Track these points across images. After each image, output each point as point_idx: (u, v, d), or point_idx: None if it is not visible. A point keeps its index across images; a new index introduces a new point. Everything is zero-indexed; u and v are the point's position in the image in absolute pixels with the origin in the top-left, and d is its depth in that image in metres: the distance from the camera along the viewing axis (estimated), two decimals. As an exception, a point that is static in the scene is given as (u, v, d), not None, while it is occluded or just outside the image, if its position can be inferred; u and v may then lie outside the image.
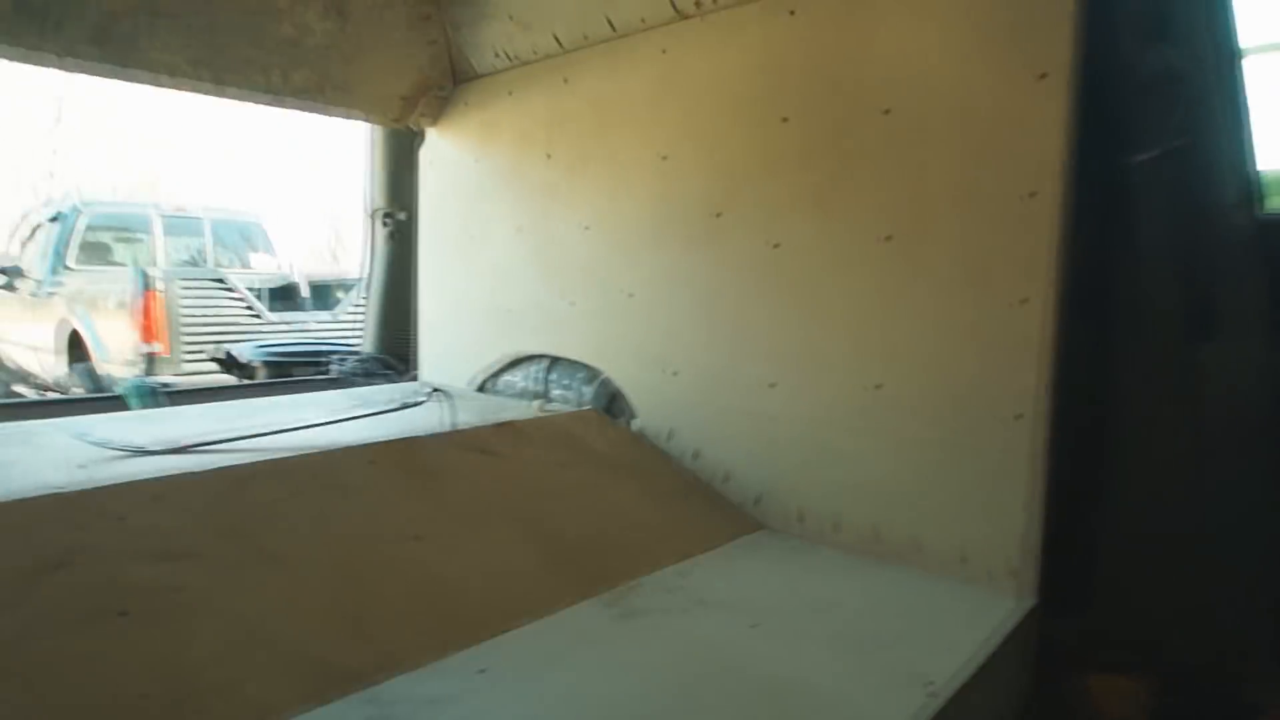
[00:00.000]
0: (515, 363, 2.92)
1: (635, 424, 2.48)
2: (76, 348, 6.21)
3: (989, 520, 1.80)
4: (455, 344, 3.17)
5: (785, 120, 2.15)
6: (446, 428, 2.13)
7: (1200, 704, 1.73)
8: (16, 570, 1.32)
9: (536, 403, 2.66)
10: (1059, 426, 1.74)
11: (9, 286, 7.54)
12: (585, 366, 2.66)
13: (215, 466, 1.73)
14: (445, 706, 1.23)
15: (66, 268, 6.77)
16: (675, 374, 2.39)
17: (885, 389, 1.96)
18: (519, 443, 2.19)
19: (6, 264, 7.66)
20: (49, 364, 6.73)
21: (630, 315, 2.50)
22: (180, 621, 1.32)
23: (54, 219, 7.16)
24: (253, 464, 1.76)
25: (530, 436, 2.24)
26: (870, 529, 1.98)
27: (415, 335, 3.39)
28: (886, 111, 1.95)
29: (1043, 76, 1.70)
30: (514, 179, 2.92)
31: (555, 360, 2.77)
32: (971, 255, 1.82)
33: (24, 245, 7.75)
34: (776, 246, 2.16)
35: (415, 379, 3.40)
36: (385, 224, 3.75)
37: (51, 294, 6.65)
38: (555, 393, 2.75)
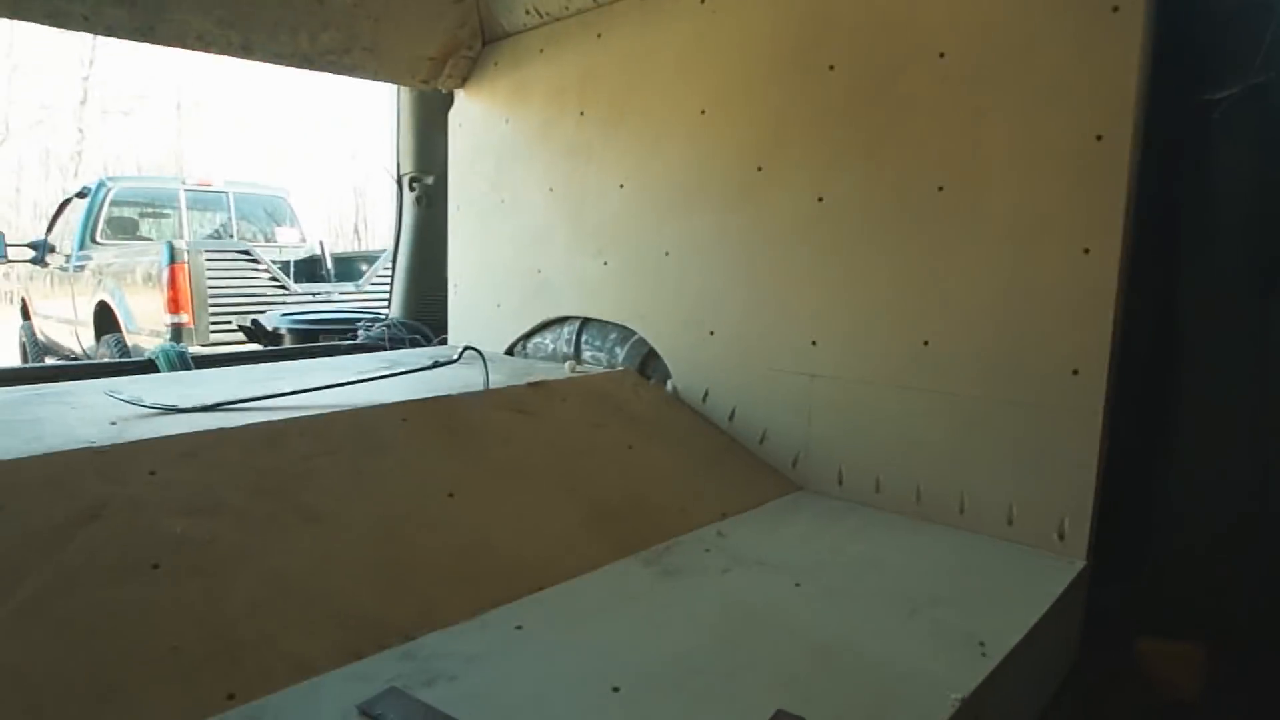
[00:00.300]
0: (545, 325, 2.87)
1: (670, 384, 2.42)
2: (106, 320, 6.26)
3: (1039, 481, 1.73)
4: (485, 307, 3.12)
5: (831, 68, 2.06)
6: (480, 387, 2.09)
7: (1257, 672, 1.65)
8: (51, 522, 1.30)
9: (569, 364, 2.61)
10: (1118, 383, 1.67)
11: (39, 261, 7.63)
12: (618, 327, 2.60)
13: (247, 423, 1.69)
14: (483, 663, 1.19)
15: (95, 242, 6.83)
16: (712, 333, 2.32)
17: (933, 345, 1.89)
18: (553, 402, 2.15)
19: (37, 240, 7.74)
20: (79, 336, 6.80)
21: (666, 274, 2.44)
22: (213, 575, 1.29)
23: (81, 195, 7.21)
24: (285, 421, 1.73)
25: (565, 396, 2.19)
26: (912, 489, 1.92)
27: (444, 300, 3.34)
28: (941, 55, 1.86)
29: (1115, 9, 1.60)
30: (545, 139, 2.85)
31: (587, 321, 2.72)
32: (1031, 204, 1.74)
33: (53, 222, 7.82)
34: (820, 200, 2.08)
35: (444, 344, 3.37)
36: (413, 189, 3.70)
37: (80, 268, 6.71)
38: (587, 354, 2.70)
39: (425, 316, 3.77)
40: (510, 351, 2.99)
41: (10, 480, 1.36)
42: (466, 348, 2.14)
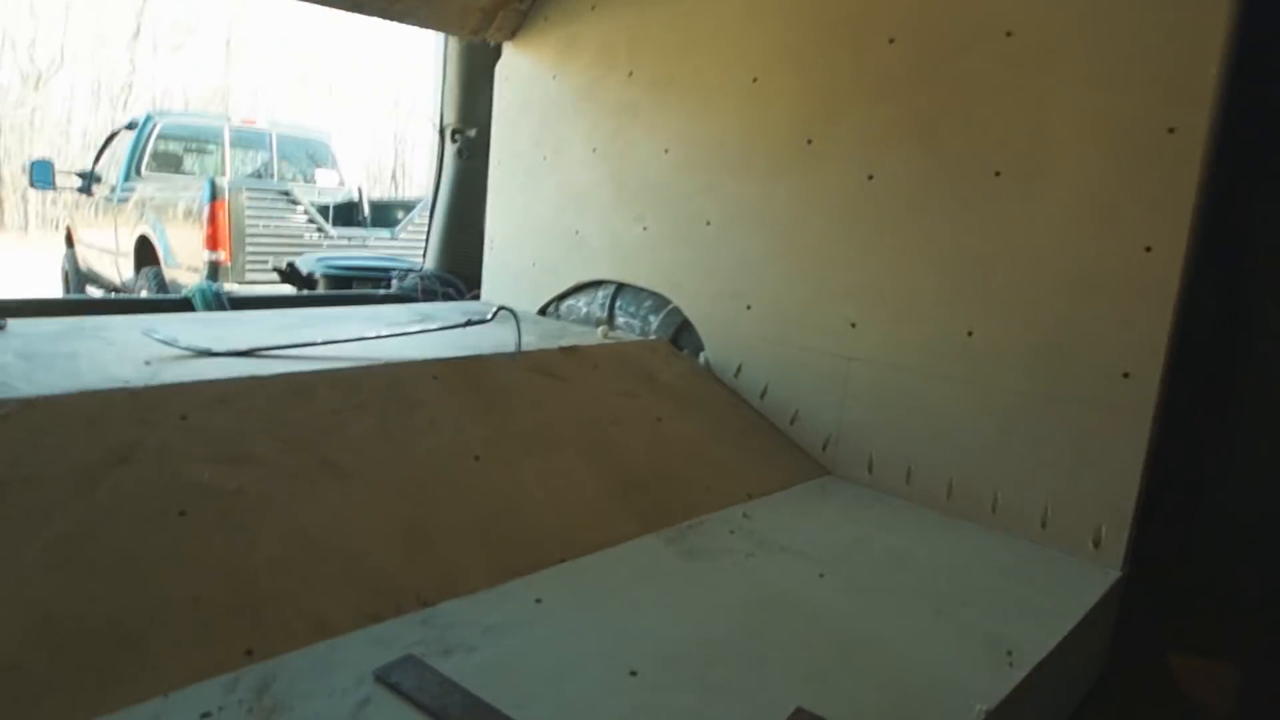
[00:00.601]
0: (580, 287, 2.83)
1: (702, 356, 2.39)
2: (145, 253, 6.34)
3: (1078, 484, 1.68)
4: (520, 265, 3.09)
5: (891, 41, 1.97)
6: (512, 347, 2.06)
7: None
8: (84, 462, 1.31)
9: (601, 329, 2.58)
10: (1171, 386, 1.60)
11: (85, 191, 7.72)
12: (654, 294, 2.56)
13: (279, 373, 1.69)
14: (501, 635, 1.18)
15: (139, 175, 6.88)
16: (749, 307, 2.28)
17: (977, 336, 1.83)
18: (585, 368, 2.12)
19: (84, 170, 7.83)
20: (119, 266, 6.90)
21: (706, 244, 2.38)
22: (239, 526, 1.29)
23: (130, 127, 7.26)
24: (316, 372, 1.73)
25: (596, 363, 2.17)
26: (944, 483, 1.88)
27: (479, 254, 3.32)
28: (1009, 34, 1.77)
29: (1198, -7, 1.50)
30: (592, 98, 2.78)
31: (622, 286, 2.68)
32: (1093, 195, 1.66)
33: (101, 152, 7.90)
34: (870, 178, 2.01)
35: (477, 299, 3.35)
36: (454, 140, 3.66)
37: (124, 200, 6.77)
38: (620, 320, 2.67)
39: (459, 270, 3.75)
40: (543, 311, 2.97)
41: (48, 417, 1.37)
42: (500, 308, 2.11)
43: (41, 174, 7.25)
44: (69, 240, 8.65)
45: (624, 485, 1.74)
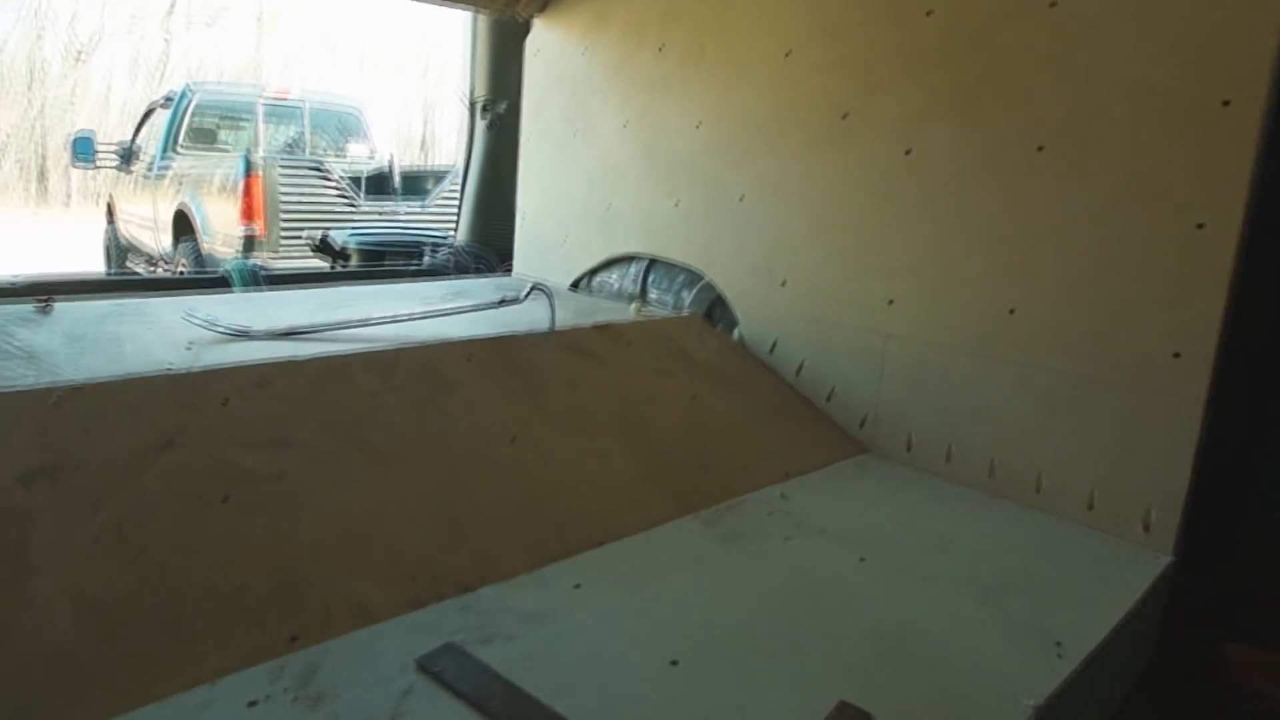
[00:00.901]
0: (612, 262, 2.81)
1: (736, 332, 2.36)
2: (183, 226, 6.42)
3: (1126, 466, 1.63)
4: (552, 239, 3.08)
5: (929, 13, 1.89)
6: (545, 325, 2.06)
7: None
8: (131, 448, 1.33)
9: (634, 305, 2.56)
10: (1223, 369, 1.54)
11: (124, 168, 7.81)
12: (687, 270, 2.53)
13: (316, 355, 1.70)
14: (542, 622, 1.19)
15: (176, 150, 6.94)
16: (783, 283, 2.24)
17: (1019, 314, 1.78)
18: (618, 346, 2.11)
19: (123, 145, 7.92)
20: (158, 241, 7.00)
21: (740, 219, 2.34)
22: (280, 512, 1.30)
23: (167, 102, 7.31)
24: (352, 354, 1.73)
25: (630, 340, 2.15)
26: (986, 462, 1.84)
27: (511, 229, 3.30)
28: (1053, 4, 1.69)
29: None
30: (622, 72, 2.73)
31: (654, 261, 2.65)
32: (1141, 172, 1.59)
33: (139, 127, 7.97)
34: (909, 153, 1.95)
35: (509, 272, 3.35)
36: (485, 114, 3.62)
37: (162, 174, 6.85)
38: (653, 295, 2.65)
39: (491, 243, 3.74)
40: (575, 286, 2.95)
41: (95, 403, 1.39)
42: (535, 286, 2.10)
43: (84, 149, 7.35)
44: (110, 214, 8.79)
45: (660, 466, 1.73)
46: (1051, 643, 1.22)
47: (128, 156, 7.81)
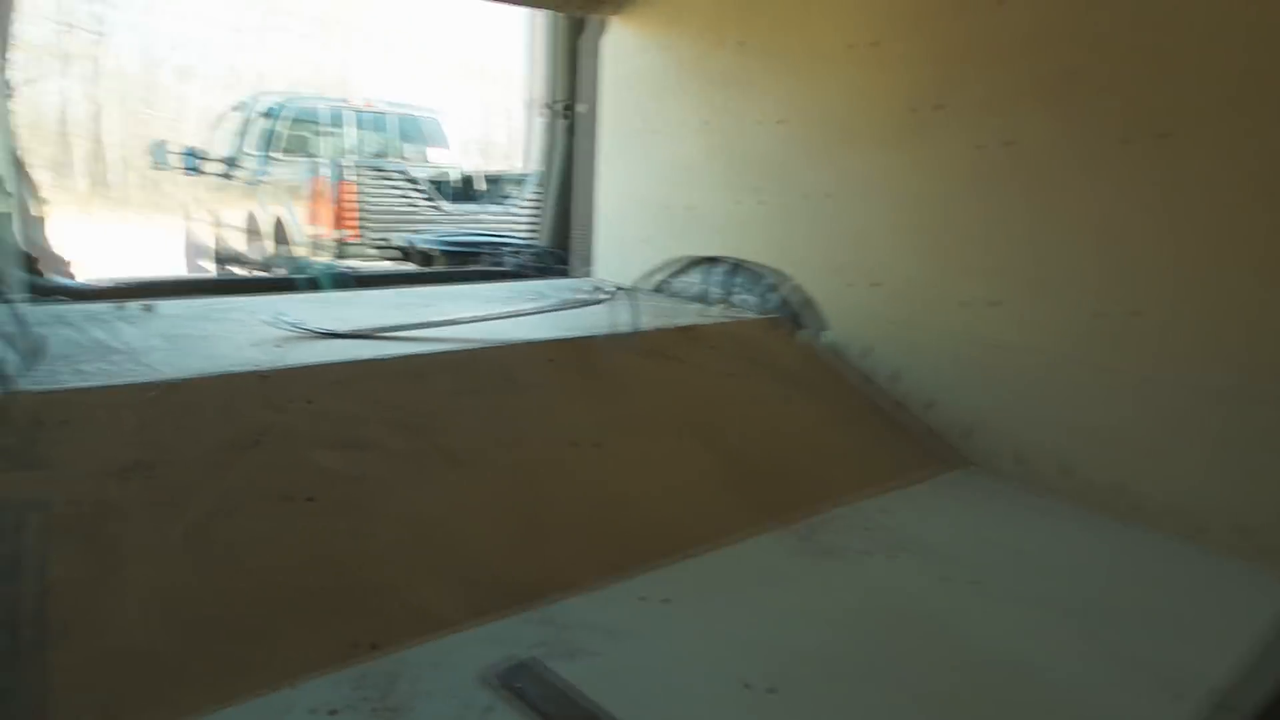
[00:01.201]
0: (694, 264, 2.74)
1: (826, 337, 2.26)
2: (279, 232, 6.67)
3: (1259, 487, 1.47)
4: (632, 241, 3.03)
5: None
6: (627, 329, 2.00)
7: None
8: (218, 445, 1.33)
9: (717, 308, 2.49)
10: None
11: (228, 175, 8.19)
12: (772, 271, 2.44)
13: (396, 355, 1.69)
14: (623, 639, 1.12)
15: (272, 158, 7.24)
16: (876, 285, 2.13)
17: (1145, 317, 1.63)
18: (701, 349, 2.04)
19: (225, 155, 8.30)
20: (255, 246, 7.30)
21: (826, 218, 2.24)
22: (361, 513, 1.28)
23: (264, 114, 7.64)
24: (431, 354, 1.72)
25: (714, 343, 2.08)
26: (1108, 481, 1.69)
27: (590, 231, 3.27)
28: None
29: None
30: (701, 69, 2.66)
31: (739, 264, 2.57)
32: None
33: (238, 138, 8.35)
34: (1008, 144, 1.82)
35: (589, 274, 3.31)
36: (565, 117, 3.61)
37: (260, 182, 7.14)
38: (736, 298, 2.56)
39: (571, 245, 3.72)
40: (658, 288, 2.89)
41: (189, 399, 1.40)
42: (617, 288, 2.06)
43: (158, 155, 7.75)
44: (206, 221, 9.21)
45: (745, 475, 1.65)
46: (1171, 681, 1.09)
47: (229, 165, 8.18)
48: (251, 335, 1.85)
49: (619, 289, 2.06)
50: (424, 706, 0.96)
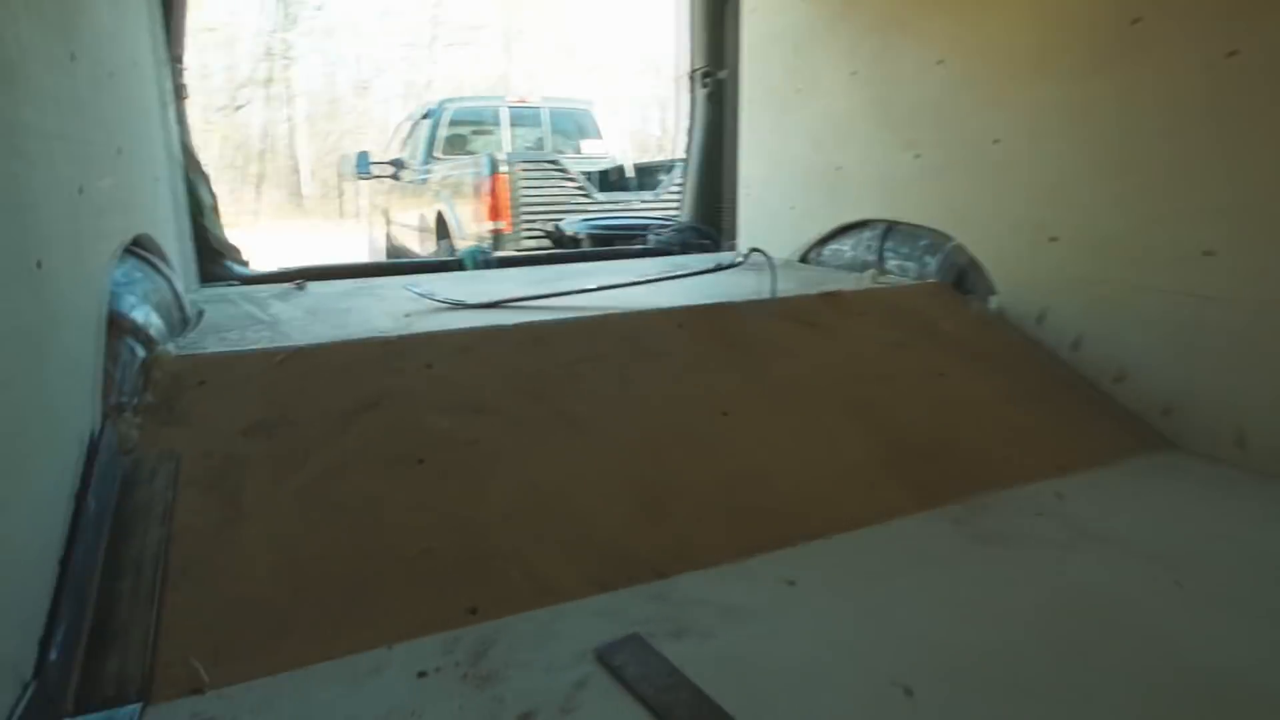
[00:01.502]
0: (844, 229, 2.53)
1: (994, 302, 2.00)
2: (442, 227, 7.00)
3: None
4: (777, 208, 2.86)
5: None
6: (765, 294, 1.86)
7: None
8: (339, 407, 1.34)
9: (869, 273, 2.28)
10: None
11: (395, 177, 8.74)
12: (930, 232, 2.20)
13: (519, 322, 1.64)
14: (742, 621, 0.99)
15: (434, 158, 7.62)
16: (1053, 240, 1.85)
17: None
18: (848, 316, 1.86)
19: (395, 158, 8.86)
20: (422, 243, 7.71)
21: (994, 167, 1.98)
22: (473, 477, 1.23)
23: (425, 116, 8.07)
24: (556, 321, 1.66)
25: (862, 310, 1.89)
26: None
27: (734, 201, 3.13)
28: None
29: None
30: (848, 16, 2.45)
31: (892, 226, 2.34)
32: None
33: (406, 141, 8.88)
34: (1232, 55, 1.50)
35: (733, 248, 3.18)
36: (705, 84, 3.48)
37: (424, 181, 7.54)
38: (891, 263, 2.34)
39: (715, 219, 3.59)
40: (804, 258, 2.71)
41: (313, 363, 1.43)
42: (753, 250, 1.91)
43: (362, 165, 8.33)
44: (385, 221, 9.88)
45: (896, 451, 1.46)
46: None
47: (398, 167, 8.72)
48: (384, 308, 1.89)
49: (753, 250, 1.91)
50: (515, 677, 0.88)
